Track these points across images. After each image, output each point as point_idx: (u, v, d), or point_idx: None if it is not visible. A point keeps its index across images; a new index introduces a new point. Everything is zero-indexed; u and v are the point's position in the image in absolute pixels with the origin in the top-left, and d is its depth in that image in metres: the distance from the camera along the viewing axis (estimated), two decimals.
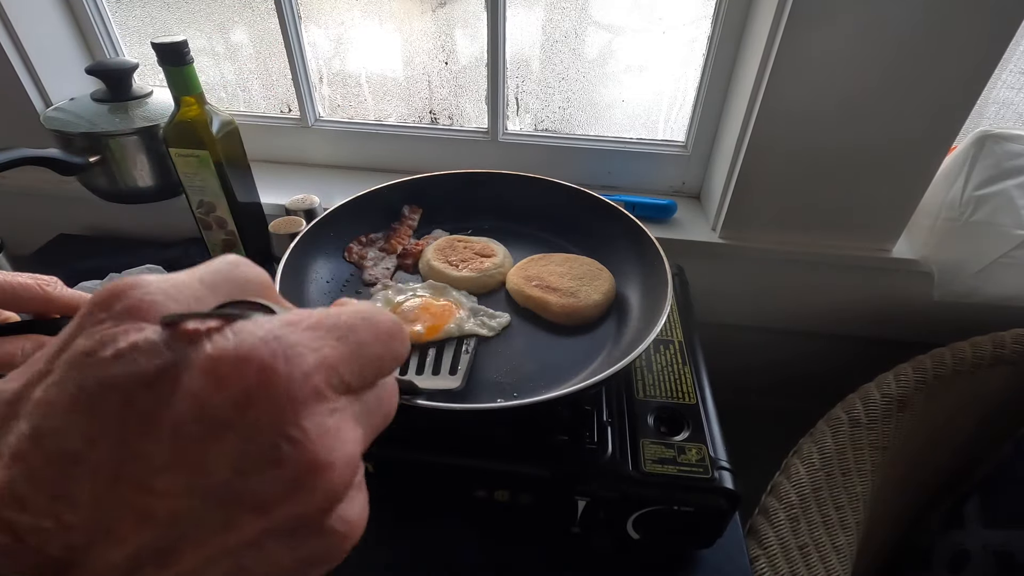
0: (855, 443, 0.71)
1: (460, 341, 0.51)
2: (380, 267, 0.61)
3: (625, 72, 0.85)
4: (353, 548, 0.16)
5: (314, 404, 0.14)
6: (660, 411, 0.49)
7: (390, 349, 0.17)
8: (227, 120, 0.71)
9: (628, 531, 0.47)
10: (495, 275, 0.59)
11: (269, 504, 0.14)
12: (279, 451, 0.14)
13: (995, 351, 0.76)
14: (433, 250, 0.62)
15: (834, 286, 0.85)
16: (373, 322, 0.17)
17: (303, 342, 0.15)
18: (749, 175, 0.74)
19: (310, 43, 0.87)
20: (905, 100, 0.66)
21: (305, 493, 0.14)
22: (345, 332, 0.16)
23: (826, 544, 0.65)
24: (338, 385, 0.15)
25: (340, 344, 0.16)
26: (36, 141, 0.71)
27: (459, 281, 0.58)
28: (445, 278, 0.59)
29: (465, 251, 0.62)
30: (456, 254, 0.61)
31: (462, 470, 0.46)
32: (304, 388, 0.14)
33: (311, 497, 0.14)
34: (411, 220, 0.67)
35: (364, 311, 0.17)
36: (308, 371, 0.14)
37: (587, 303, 0.55)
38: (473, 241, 0.63)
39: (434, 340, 0.51)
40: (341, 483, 0.15)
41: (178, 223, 0.84)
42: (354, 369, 0.16)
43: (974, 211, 0.73)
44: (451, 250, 0.62)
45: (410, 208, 0.67)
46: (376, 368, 0.17)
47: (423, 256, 0.62)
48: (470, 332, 0.52)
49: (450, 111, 0.91)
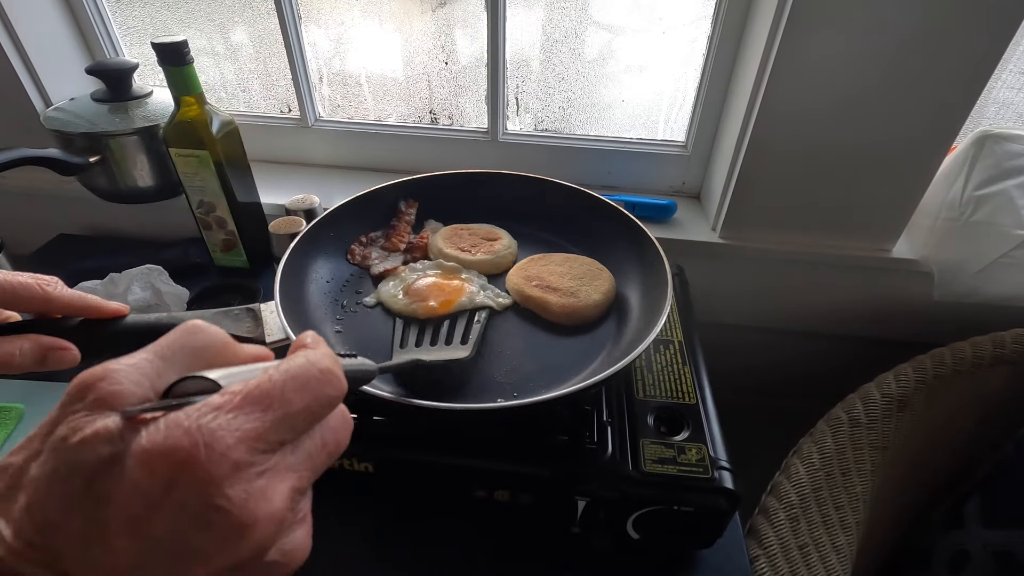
0: (855, 443, 0.71)
1: (472, 314, 0.54)
2: (387, 265, 0.62)
3: (625, 72, 0.85)
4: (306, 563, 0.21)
5: (236, 475, 0.17)
6: (660, 411, 0.49)
7: (319, 397, 0.21)
8: (227, 120, 0.71)
9: (628, 531, 0.47)
10: (507, 256, 0.62)
11: (209, 556, 0.17)
12: (208, 519, 0.17)
13: (995, 351, 0.76)
14: (441, 238, 0.63)
15: (834, 286, 0.85)
16: (300, 379, 0.20)
17: (224, 426, 0.18)
18: (749, 175, 0.74)
19: (310, 43, 0.87)
20: (905, 100, 0.66)
21: (236, 546, 0.17)
22: (270, 399, 0.19)
23: (826, 544, 0.65)
24: (266, 448, 0.19)
25: (265, 414, 0.19)
26: (36, 141, 0.71)
27: (474, 264, 0.60)
28: (459, 262, 0.61)
29: (472, 237, 0.64)
30: (464, 240, 0.63)
31: (462, 470, 0.46)
32: (223, 466, 0.17)
33: (242, 548, 0.18)
34: (408, 215, 0.66)
35: (292, 369, 0.20)
36: (226, 451, 0.17)
37: (587, 303, 0.55)
38: (475, 227, 0.65)
39: (448, 314, 0.53)
40: (267, 534, 0.18)
41: (178, 223, 0.84)
42: (283, 428, 0.19)
43: (974, 211, 0.73)
44: (458, 237, 0.64)
45: (406, 203, 0.67)
46: (307, 418, 0.20)
47: (432, 245, 0.63)
48: (481, 304, 0.55)
49: (450, 111, 0.91)
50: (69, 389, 0.19)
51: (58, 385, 0.64)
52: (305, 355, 0.21)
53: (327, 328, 0.54)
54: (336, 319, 0.56)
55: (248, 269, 0.80)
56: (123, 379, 0.19)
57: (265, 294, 0.76)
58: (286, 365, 0.20)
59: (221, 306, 0.42)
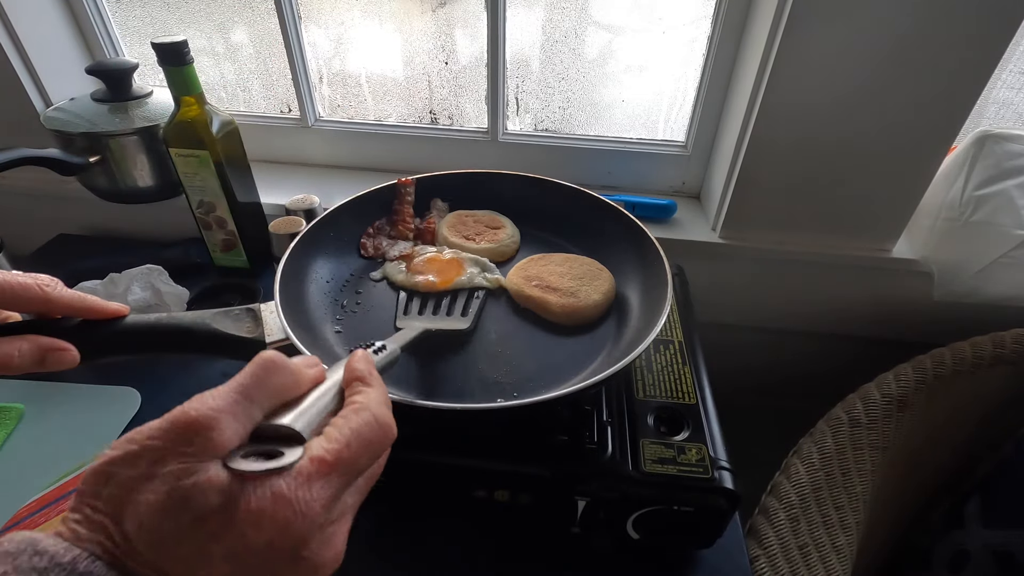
0: (855, 443, 0.71)
1: (472, 291, 0.57)
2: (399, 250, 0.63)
3: (625, 72, 0.85)
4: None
5: (318, 533, 0.23)
6: (660, 411, 0.49)
7: (381, 449, 0.26)
8: (227, 120, 0.71)
9: (628, 531, 0.47)
10: (510, 245, 0.64)
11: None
12: (295, 563, 0.22)
13: (995, 351, 0.75)
14: (447, 227, 0.65)
15: (834, 286, 0.85)
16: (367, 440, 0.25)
17: (315, 496, 0.22)
18: (749, 175, 0.74)
19: (310, 43, 0.87)
20: (905, 100, 0.66)
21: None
22: (347, 466, 0.24)
23: (826, 544, 0.65)
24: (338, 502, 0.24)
25: (342, 478, 0.24)
26: (36, 141, 0.71)
27: (479, 252, 0.62)
28: (464, 251, 0.62)
29: (476, 224, 0.65)
30: (468, 228, 0.65)
31: (462, 470, 0.46)
32: (311, 527, 0.22)
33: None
34: (409, 195, 0.66)
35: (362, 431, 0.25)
36: (315, 517, 0.22)
37: (587, 303, 0.55)
38: (479, 214, 0.66)
39: (448, 289, 0.57)
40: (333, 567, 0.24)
41: (178, 223, 0.84)
42: (351, 482, 0.25)
43: (974, 211, 0.73)
44: (463, 225, 0.65)
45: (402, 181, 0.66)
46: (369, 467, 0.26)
47: (439, 233, 0.65)
48: (478, 285, 0.58)
49: (450, 111, 0.91)
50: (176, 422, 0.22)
51: (59, 385, 0.64)
52: (370, 408, 0.26)
53: (327, 328, 0.54)
54: (336, 319, 0.56)
55: (248, 269, 0.80)
56: (225, 428, 0.22)
57: (265, 294, 0.76)
58: (356, 423, 0.25)
59: (221, 306, 0.42)
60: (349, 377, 0.28)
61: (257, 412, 0.24)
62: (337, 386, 0.28)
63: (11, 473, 0.56)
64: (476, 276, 0.59)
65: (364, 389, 0.27)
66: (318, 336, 0.52)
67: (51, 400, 0.63)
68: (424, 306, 0.55)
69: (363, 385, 0.28)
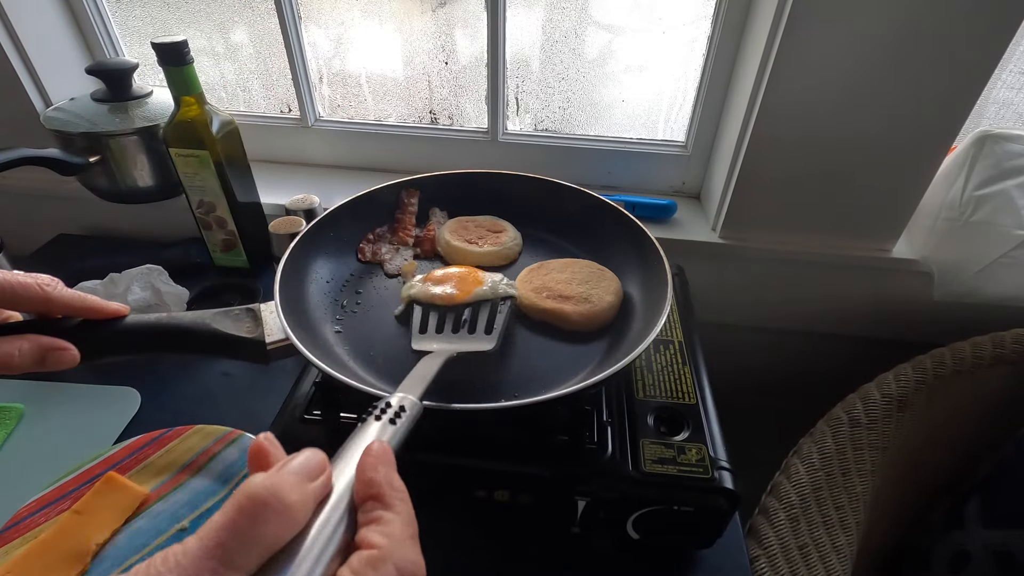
0: (855, 443, 0.71)
1: (495, 303, 0.52)
2: (399, 259, 0.62)
3: (625, 72, 0.85)
4: None
5: None
6: (660, 411, 0.49)
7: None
8: (227, 120, 0.71)
9: (628, 531, 0.47)
10: (513, 248, 0.63)
11: None
12: None
13: (995, 351, 0.75)
14: (448, 231, 0.64)
15: (834, 286, 0.85)
16: None
17: None
18: (749, 175, 0.74)
19: (310, 43, 0.87)
20: (905, 100, 0.66)
21: None
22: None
23: (826, 544, 0.65)
24: None
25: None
26: (36, 141, 0.71)
27: (483, 256, 0.61)
28: (468, 255, 0.61)
29: (478, 229, 0.64)
30: (470, 232, 0.64)
31: (462, 470, 0.46)
32: None
33: None
34: (411, 206, 0.66)
35: None
36: None
37: (603, 306, 0.54)
38: (480, 219, 0.66)
39: (467, 302, 0.52)
40: None
41: (178, 223, 0.84)
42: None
43: (974, 211, 0.73)
44: (464, 230, 0.64)
45: (407, 192, 0.67)
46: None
47: (440, 238, 0.64)
48: (504, 294, 0.53)
49: (450, 111, 0.91)
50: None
51: (58, 385, 0.64)
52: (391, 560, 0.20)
53: (327, 328, 0.54)
54: (336, 319, 0.56)
55: (248, 269, 0.80)
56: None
57: (265, 294, 0.76)
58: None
59: (221, 306, 0.42)
60: (364, 493, 0.22)
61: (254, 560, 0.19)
62: (346, 505, 0.22)
63: (11, 473, 0.56)
64: (500, 284, 0.54)
65: (383, 516, 0.22)
66: (318, 336, 0.52)
67: (51, 400, 0.63)
68: (443, 322, 0.50)
69: (382, 508, 0.22)
